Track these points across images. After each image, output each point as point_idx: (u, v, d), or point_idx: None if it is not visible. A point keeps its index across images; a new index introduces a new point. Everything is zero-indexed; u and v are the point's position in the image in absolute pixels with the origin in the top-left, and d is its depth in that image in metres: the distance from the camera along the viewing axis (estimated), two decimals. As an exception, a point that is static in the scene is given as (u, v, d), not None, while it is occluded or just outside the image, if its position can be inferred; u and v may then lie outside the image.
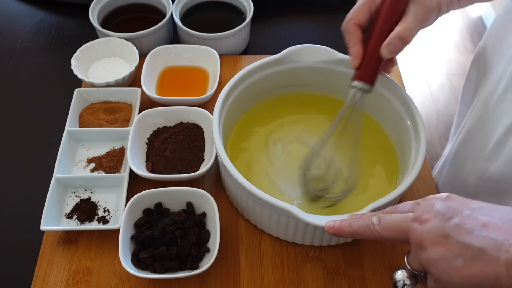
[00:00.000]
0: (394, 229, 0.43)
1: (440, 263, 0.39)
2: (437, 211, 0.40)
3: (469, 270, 0.37)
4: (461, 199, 0.41)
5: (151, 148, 0.71)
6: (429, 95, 2.05)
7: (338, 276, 0.62)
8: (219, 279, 0.61)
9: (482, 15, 2.37)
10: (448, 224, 0.39)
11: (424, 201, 0.43)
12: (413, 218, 0.42)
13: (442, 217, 0.40)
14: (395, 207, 0.46)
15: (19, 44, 0.91)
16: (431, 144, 1.86)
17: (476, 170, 0.61)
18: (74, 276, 0.61)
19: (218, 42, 0.83)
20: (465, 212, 0.39)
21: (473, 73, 0.72)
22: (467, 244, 0.38)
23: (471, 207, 0.40)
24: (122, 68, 0.81)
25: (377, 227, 0.44)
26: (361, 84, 0.59)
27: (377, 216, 0.45)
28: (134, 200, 0.63)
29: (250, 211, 0.64)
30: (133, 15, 0.90)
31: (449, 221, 0.39)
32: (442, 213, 0.40)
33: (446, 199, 0.41)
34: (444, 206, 0.41)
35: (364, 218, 0.46)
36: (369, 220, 0.45)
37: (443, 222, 0.39)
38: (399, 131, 0.68)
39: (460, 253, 0.38)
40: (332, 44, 0.73)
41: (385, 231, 0.44)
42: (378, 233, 0.44)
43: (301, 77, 0.72)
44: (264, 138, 0.72)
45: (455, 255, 0.38)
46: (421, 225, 0.40)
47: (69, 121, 0.72)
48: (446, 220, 0.39)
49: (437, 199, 0.42)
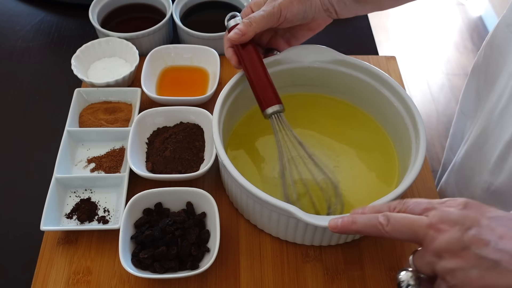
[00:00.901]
0: (406, 231, 0.43)
1: (456, 273, 0.39)
2: (454, 220, 0.40)
3: (484, 281, 0.38)
4: (479, 207, 0.41)
5: (151, 148, 0.71)
6: (429, 95, 2.05)
7: (338, 276, 0.62)
8: (219, 279, 0.61)
9: (482, 15, 2.37)
10: (466, 235, 0.39)
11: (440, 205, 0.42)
12: (428, 225, 0.41)
13: (460, 228, 0.40)
14: (403, 203, 0.45)
15: (19, 44, 0.91)
16: (431, 144, 1.86)
17: (482, 183, 0.61)
18: (74, 276, 0.61)
19: (218, 42, 0.83)
20: (482, 222, 0.40)
21: (472, 83, 0.72)
22: (483, 256, 0.38)
23: (488, 216, 0.40)
24: (122, 68, 0.81)
25: (387, 228, 0.43)
26: (272, 109, 0.62)
27: (384, 215, 0.44)
28: (134, 200, 0.63)
29: (250, 211, 0.64)
30: (133, 15, 0.90)
31: (467, 232, 0.39)
32: (460, 223, 0.40)
33: (464, 208, 0.41)
34: (462, 215, 0.41)
35: (369, 215, 0.46)
36: (375, 219, 0.44)
37: (461, 233, 0.40)
38: (399, 131, 0.68)
39: (476, 265, 0.38)
40: (332, 44, 0.73)
41: (395, 232, 0.43)
42: (387, 233, 0.43)
43: (301, 77, 0.72)
44: (264, 138, 0.72)
45: (471, 266, 0.39)
46: (438, 234, 0.40)
47: (69, 121, 0.72)
48: (464, 231, 0.40)
49: (454, 207, 0.42)
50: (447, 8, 2.44)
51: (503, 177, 0.57)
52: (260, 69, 0.64)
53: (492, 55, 0.66)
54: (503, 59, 0.62)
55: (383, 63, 0.86)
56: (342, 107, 0.75)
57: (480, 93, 0.68)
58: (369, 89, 0.70)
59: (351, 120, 0.74)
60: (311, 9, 0.63)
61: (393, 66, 0.86)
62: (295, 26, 0.66)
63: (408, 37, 2.27)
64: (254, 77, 0.63)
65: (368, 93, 0.71)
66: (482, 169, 0.61)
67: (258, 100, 0.64)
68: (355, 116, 0.75)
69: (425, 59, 2.19)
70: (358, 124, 0.74)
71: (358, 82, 0.71)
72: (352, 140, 0.72)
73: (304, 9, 0.62)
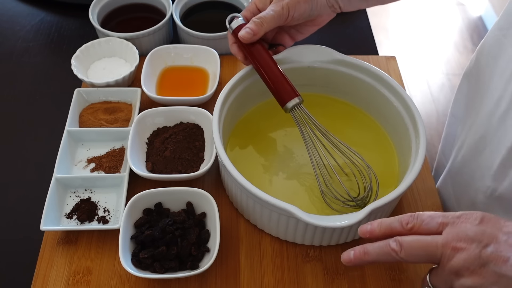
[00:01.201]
0: (422, 254, 0.42)
1: None
2: (471, 237, 0.40)
3: None
4: (495, 221, 0.41)
5: (151, 148, 0.71)
6: (429, 95, 2.05)
7: (338, 276, 0.62)
8: (219, 279, 0.61)
9: (482, 15, 2.37)
10: (484, 253, 0.39)
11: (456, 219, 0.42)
12: (444, 244, 0.41)
13: (478, 245, 0.39)
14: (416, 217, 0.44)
15: (19, 44, 0.91)
16: (431, 144, 1.86)
17: (484, 189, 0.60)
18: (74, 276, 0.61)
19: (218, 42, 0.83)
20: (500, 238, 0.39)
21: (464, 87, 0.72)
22: (502, 274, 0.38)
23: (506, 231, 0.40)
24: (122, 68, 0.81)
25: (402, 254, 0.42)
26: (292, 102, 0.62)
27: (395, 240, 0.43)
28: (134, 200, 0.63)
29: (250, 211, 0.64)
30: (133, 15, 0.90)
31: (485, 250, 0.39)
32: (477, 240, 0.40)
33: (480, 223, 0.41)
34: (479, 232, 0.40)
35: (380, 243, 0.44)
36: (387, 247, 0.43)
37: (479, 250, 0.39)
38: (399, 131, 0.68)
39: (496, 282, 0.39)
40: (332, 44, 0.73)
41: (411, 256, 0.42)
42: (402, 259, 0.43)
43: (301, 77, 0.72)
44: (264, 138, 0.73)
45: (490, 283, 0.39)
46: (455, 253, 0.40)
47: (69, 121, 0.72)
48: (482, 248, 0.39)
49: (470, 223, 0.41)
50: (447, 8, 2.44)
51: (507, 182, 0.57)
52: (273, 65, 0.64)
53: (484, 59, 0.66)
54: (495, 63, 0.62)
55: (383, 63, 0.86)
56: (342, 107, 0.75)
57: (471, 97, 0.68)
58: (369, 89, 0.70)
59: (351, 120, 0.74)
60: (317, 7, 0.64)
61: (393, 66, 0.86)
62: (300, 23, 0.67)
63: (408, 37, 2.27)
64: (269, 74, 0.64)
65: (368, 93, 0.71)
66: (483, 175, 0.60)
67: (276, 96, 0.64)
68: (355, 116, 0.75)
69: (425, 59, 2.19)
70: (358, 124, 0.74)
71: (358, 82, 0.71)
72: (352, 140, 0.72)
73: (311, 8, 0.63)
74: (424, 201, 0.69)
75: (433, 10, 2.43)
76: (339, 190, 0.63)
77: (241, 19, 0.66)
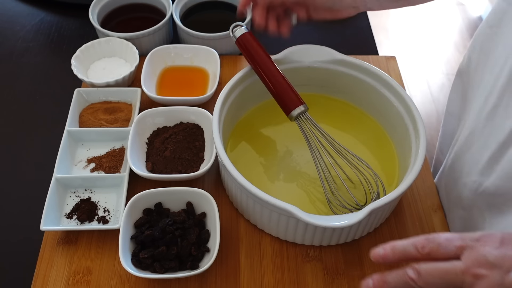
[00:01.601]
0: (441, 282, 0.40)
1: None
2: (492, 263, 0.39)
3: None
4: None
5: (151, 148, 0.71)
6: (429, 95, 2.05)
7: (338, 276, 0.62)
8: (219, 279, 0.61)
9: (482, 15, 2.37)
10: (507, 279, 0.38)
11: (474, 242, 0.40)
12: (464, 271, 0.39)
13: (500, 271, 0.38)
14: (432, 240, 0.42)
15: (19, 44, 0.91)
16: (431, 144, 1.86)
17: (470, 184, 0.60)
18: (74, 276, 0.61)
19: (218, 42, 0.83)
20: None
21: (458, 84, 0.73)
22: None
23: None
24: (122, 68, 0.81)
25: (420, 283, 0.40)
26: (297, 111, 0.63)
27: (412, 268, 0.41)
28: (134, 200, 0.63)
29: (250, 211, 0.64)
30: (133, 15, 0.90)
31: (508, 276, 0.38)
32: (498, 265, 0.38)
33: (500, 246, 0.39)
34: (499, 256, 0.39)
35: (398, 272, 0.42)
36: (405, 276, 0.41)
37: (501, 277, 0.38)
38: (399, 131, 0.68)
39: None
40: (332, 44, 0.73)
41: (429, 285, 0.41)
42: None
43: (301, 77, 0.72)
44: (264, 138, 0.73)
45: None
46: (476, 280, 0.39)
47: (69, 121, 0.72)
48: (504, 273, 0.38)
49: (489, 246, 0.40)
50: (447, 8, 2.44)
51: (493, 178, 0.56)
52: (277, 73, 0.65)
53: (475, 56, 0.66)
54: (486, 59, 0.62)
55: (383, 63, 0.86)
56: (342, 107, 0.75)
57: (465, 94, 0.69)
58: (369, 89, 0.70)
59: (351, 120, 0.74)
60: (341, 3, 0.65)
61: (393, 66, 0.86)
62: None
63: (408, 37, 2.27)
64: (273, 82, 0.65)
65: (368, 93, 0.71)
66: (471, 170, 0.60)
67: (281, 104, 0.64)
68: (355, 116, 0.75)
69: (425, 59, 2.19)
70: (358, 124, 0.74)
71: (358, 82, 0.71)
72: (352, 140, 0.72)
73: (333, 1, 0.65)
74: (424, 201, 0.69)
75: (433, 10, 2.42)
76: (345, 198, 0.63)
77: (244, 28, 0.67)
